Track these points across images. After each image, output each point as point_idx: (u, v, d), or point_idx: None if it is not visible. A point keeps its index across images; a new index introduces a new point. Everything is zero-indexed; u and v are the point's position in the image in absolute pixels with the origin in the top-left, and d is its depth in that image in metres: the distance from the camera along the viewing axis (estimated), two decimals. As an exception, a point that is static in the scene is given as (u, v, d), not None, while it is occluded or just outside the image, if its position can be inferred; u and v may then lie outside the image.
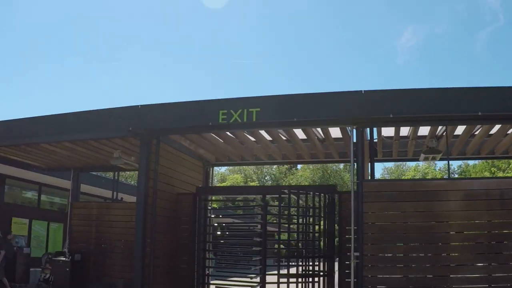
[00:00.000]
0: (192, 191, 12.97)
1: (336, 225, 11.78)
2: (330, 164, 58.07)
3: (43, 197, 22.52)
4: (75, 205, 15.79)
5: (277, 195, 12.13)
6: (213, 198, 14.26)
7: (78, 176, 16.40)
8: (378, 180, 10.39)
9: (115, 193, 17.10)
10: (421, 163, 55.47)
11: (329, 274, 10.99)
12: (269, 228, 12.24)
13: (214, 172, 14.91)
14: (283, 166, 62.40)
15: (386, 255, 9.75)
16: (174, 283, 12.21)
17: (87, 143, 12.77)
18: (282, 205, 11.92)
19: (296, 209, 11.31)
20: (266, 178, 68.97)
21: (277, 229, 11.77)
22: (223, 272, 12.60)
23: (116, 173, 16.99)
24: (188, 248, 12.29)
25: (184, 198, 12.65)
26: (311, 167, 59.43)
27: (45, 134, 12.11)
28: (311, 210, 11.43)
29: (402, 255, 9.79)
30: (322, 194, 11.38)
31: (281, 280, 10.31)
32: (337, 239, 11.81)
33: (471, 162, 58.30)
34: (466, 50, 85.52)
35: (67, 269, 14.37)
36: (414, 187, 10.39)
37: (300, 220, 11.46)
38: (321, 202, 11.32)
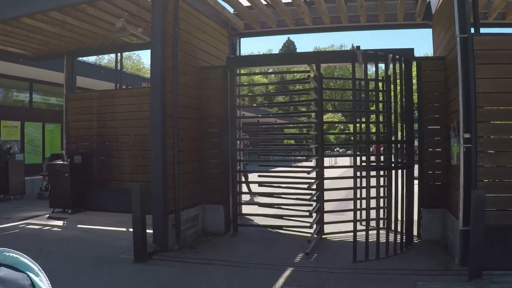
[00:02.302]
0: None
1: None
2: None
3: (36, 97, 19.54)
4: (71, 97, 12.90)
5: (334, 63, 9.22)
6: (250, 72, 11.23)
7: (73, 63, 13.37)
8: (494, 35, 7.09)
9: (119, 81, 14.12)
10: None
11: (409, 166, 8.24)
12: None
13: (241, 48, 11.77)
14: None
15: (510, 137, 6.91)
16: (201, 184, 9.53)
17: (80, 10, 9.63)
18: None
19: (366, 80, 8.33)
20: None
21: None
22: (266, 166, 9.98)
23: (119, 57, 13.81)
24: (218, 140, 9.52)
25: (210, 73, 9.61)
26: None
27: (24, 0, 8.88)
28: (383, 82, 8.54)
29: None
30: (403, 59, 8.32)
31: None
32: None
33: None
34: None
35: (66, 175, 11.72)
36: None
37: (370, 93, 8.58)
38: (401, 71, 8.29)
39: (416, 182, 8.56)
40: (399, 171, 8.07)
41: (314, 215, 8.90)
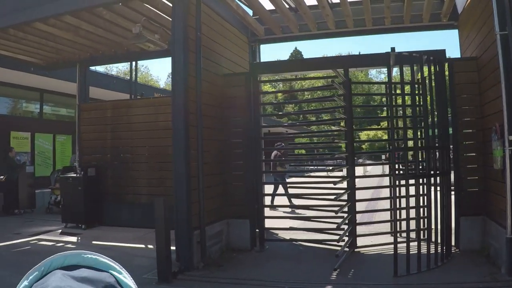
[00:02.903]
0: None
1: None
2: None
3: (46, 108, 19.12)
4: (84, 107, 12.42)
5: (364, 67, 8.70)
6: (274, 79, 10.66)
7: (86, 72, 12.91)
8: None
9: (133, 91, 13.62)
10: None
11: (447, 172, 7.70)
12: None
13: (260, 56, 11.25)
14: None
15: None
16: (224, 197, 9.02)
17: (95, 14, 9.16)
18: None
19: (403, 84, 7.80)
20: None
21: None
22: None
23: (133, 66, 13.30)
24: (242, 148, 9.01)
25: (233, 80, 9.13)
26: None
27: (37, 4, 8.40)
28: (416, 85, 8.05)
29: None
30: (436, 62, 7.83)
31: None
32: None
33: None
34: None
35: (79, 188, 11.22)
36: None
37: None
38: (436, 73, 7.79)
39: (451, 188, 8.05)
40: (438, 179, 7.53)
41: (345, 227, 8.37)
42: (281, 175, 13.95)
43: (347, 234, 8.40)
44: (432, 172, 7.48)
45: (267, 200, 9.12)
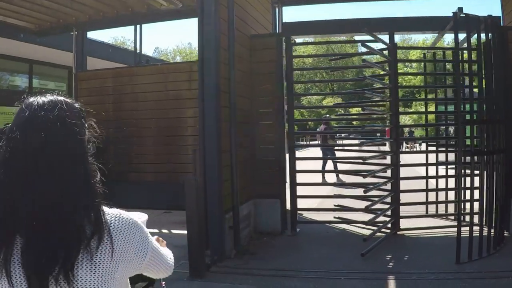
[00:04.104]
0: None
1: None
2: None
3: (36, 80, 17.67)
4: (81, 76, 11.17)
5: (415, 31, 7.65)
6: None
7: (83, 38, 11.63)
8: None
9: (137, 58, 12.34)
10: None
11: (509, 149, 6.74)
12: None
13: (282, 18, 10.05)
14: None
15: None
16: (252, 175, 7.96)
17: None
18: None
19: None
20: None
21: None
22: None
23: (139, 30, 11.94)
24: (273, 121, 7.95)
25: (263, 42, 7.99)
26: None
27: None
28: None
29: None
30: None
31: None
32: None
33: None
34: None
35: (78, 166, 9.98)
36: None
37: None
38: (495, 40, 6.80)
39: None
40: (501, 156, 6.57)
41: (385, 207, 7.46)
42: (330, 149, 13.06)
43: (381, 215, 7.46)
44: (498, 148, 6.50)
45: (301, 178, 8.01)
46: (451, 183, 8.07)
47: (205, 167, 6.32)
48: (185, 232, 6.23)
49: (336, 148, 10.80)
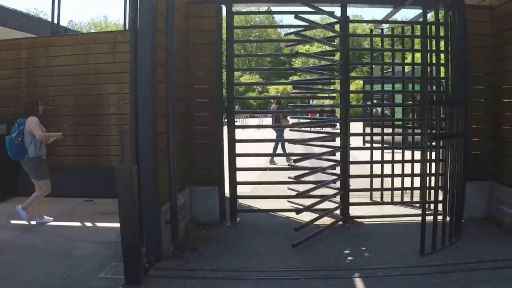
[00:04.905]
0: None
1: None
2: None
3: None
4: (-12, 47, 9.67)
5: (368, 4, 7.05)
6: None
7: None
8: None
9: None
10: None
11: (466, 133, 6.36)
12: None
13: None
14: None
15: None
16: (187, 160, 7.11)
17: None
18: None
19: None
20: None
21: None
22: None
23: None
24: (209, 99, 7.12)
25: (200, 10, 7.01)
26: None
27: None
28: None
29: None
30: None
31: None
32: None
33: None
34: None
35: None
36: None
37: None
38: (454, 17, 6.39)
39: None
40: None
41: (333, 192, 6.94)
42: (282, 130, 12.42)
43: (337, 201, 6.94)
44: (460, 131, 6.07)
45: (240, 162, 7.26)
46: (408, 168, 7.64)
47: (138, 152, 5.36)
48: (112, 225, 5.62)
49: (289, 129, 10.09)
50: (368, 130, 7.48)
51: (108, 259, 5.42)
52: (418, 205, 7.60)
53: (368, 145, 9.07)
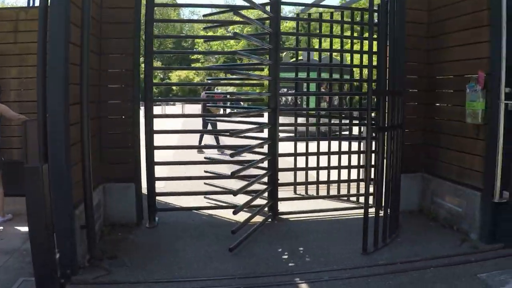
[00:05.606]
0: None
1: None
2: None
3: None
4: None
5: None
6: None
7: None
8: None
9: None
10: None
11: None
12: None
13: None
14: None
15: None
16: (98, 153, 6.27)
17: None
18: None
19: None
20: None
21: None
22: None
23: None
24: (122, 83, 6.34)
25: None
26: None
27: None
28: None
29: None
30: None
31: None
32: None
33: None
34: None
35: None
36: None
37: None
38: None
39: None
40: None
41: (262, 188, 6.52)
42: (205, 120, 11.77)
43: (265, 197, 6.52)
44: (398, 122, 5.83)
45: (160, 156, 6.59)
46: (344, 160, 7.37)
47: (48, 146, 4.50)
48: (16, 228, 5.22)
49: (217, 118, 9.37)
50: (298, 120, 7.07)
51: (15, 274, 4.53)
52: (345, 198, 7.38)
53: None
